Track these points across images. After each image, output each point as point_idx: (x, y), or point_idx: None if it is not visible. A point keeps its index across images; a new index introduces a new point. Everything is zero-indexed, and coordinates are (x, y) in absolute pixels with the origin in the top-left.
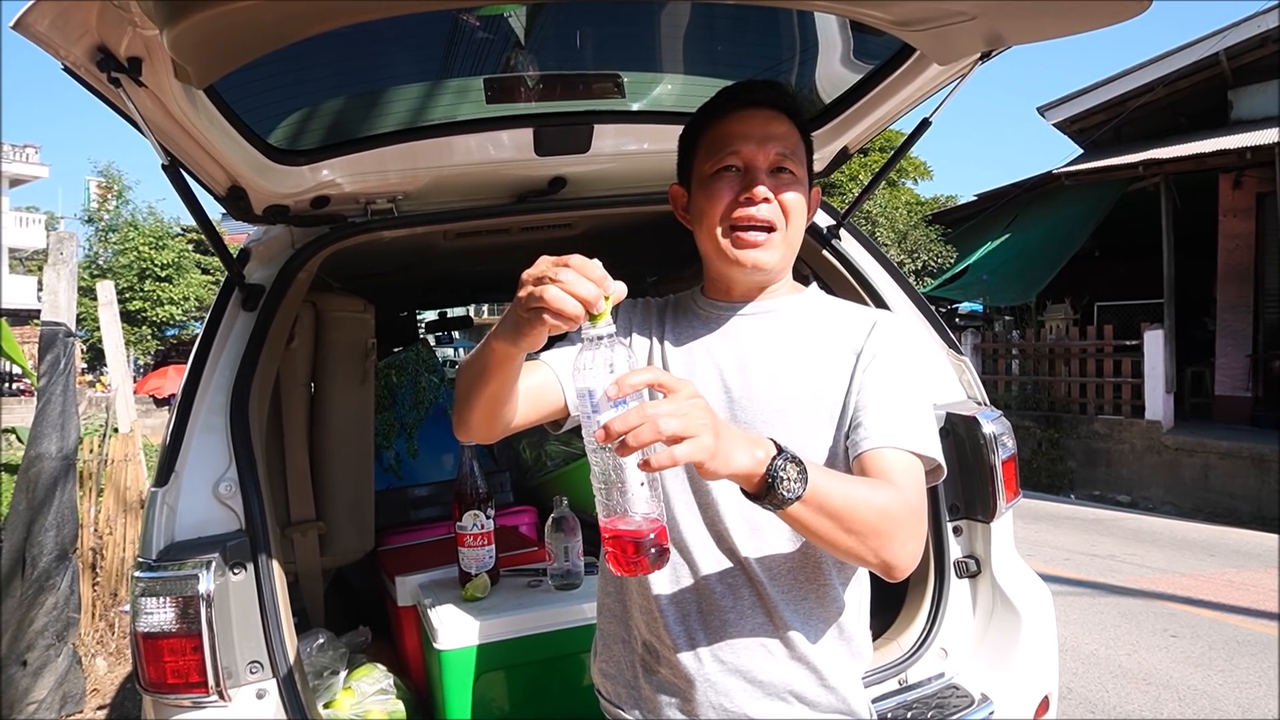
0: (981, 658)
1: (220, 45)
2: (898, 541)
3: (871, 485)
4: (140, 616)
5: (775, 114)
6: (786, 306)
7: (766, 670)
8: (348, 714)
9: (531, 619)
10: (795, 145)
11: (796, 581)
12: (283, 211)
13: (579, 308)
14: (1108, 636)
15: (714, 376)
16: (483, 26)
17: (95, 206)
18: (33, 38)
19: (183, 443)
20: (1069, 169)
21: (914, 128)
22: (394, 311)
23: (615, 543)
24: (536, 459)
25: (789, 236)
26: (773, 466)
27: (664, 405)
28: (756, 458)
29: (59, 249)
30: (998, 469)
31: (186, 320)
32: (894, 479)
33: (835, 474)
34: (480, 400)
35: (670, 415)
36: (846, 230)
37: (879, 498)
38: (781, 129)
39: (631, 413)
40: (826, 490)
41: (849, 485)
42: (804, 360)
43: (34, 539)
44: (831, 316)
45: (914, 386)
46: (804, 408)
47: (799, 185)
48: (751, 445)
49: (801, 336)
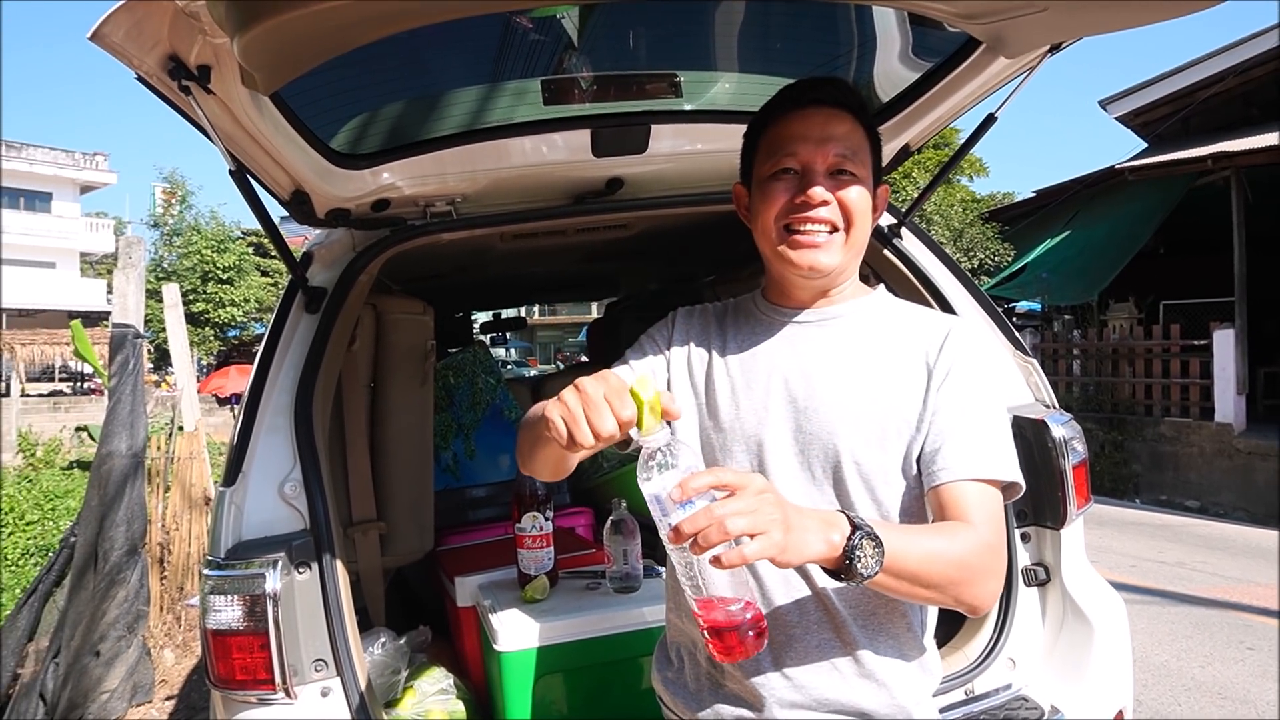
0: (1051, 669)
1: (286, 52)
2: (977, 586)
3: (949, 535)
4: (210, 614)
5: (836, 112)
6: (853, 311)
7: (834, 688)
8: (409, 714)
9: (591, 622)
10: (857, 144)
11: (864, 597)
12: (344, 215)
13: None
14: (1179, 648)
15: (778, 385)
16: (539, 28)
17: (160, 211)
18: (108, 48)
19: (249, 443)
20: (1133, 163)
21: (979, 123)
22: (450, 313)
23: (714, 635)
24: (593, 460)
25: (852, 238)
26: (849, 547)
27: (731, 504)
28: (831, 542)
29: (128, 253)
30: (1068, 474)
31: (247, 321)
32: (972, 516)
33: (911, 532)
34: (543, 460)
35: (737, 515)
36: (908, 229)
37: (956, 548)
38: (842, 128)
39: (700, 515)
40: (903, 557)
41: (925, 543)
42: (873, 370)
43: (106, 534)
44: (901, 323)
45: (991, 405)
46: (872, 420)
47: (861, 185)
48: (825, 528)
49: (870, 344)
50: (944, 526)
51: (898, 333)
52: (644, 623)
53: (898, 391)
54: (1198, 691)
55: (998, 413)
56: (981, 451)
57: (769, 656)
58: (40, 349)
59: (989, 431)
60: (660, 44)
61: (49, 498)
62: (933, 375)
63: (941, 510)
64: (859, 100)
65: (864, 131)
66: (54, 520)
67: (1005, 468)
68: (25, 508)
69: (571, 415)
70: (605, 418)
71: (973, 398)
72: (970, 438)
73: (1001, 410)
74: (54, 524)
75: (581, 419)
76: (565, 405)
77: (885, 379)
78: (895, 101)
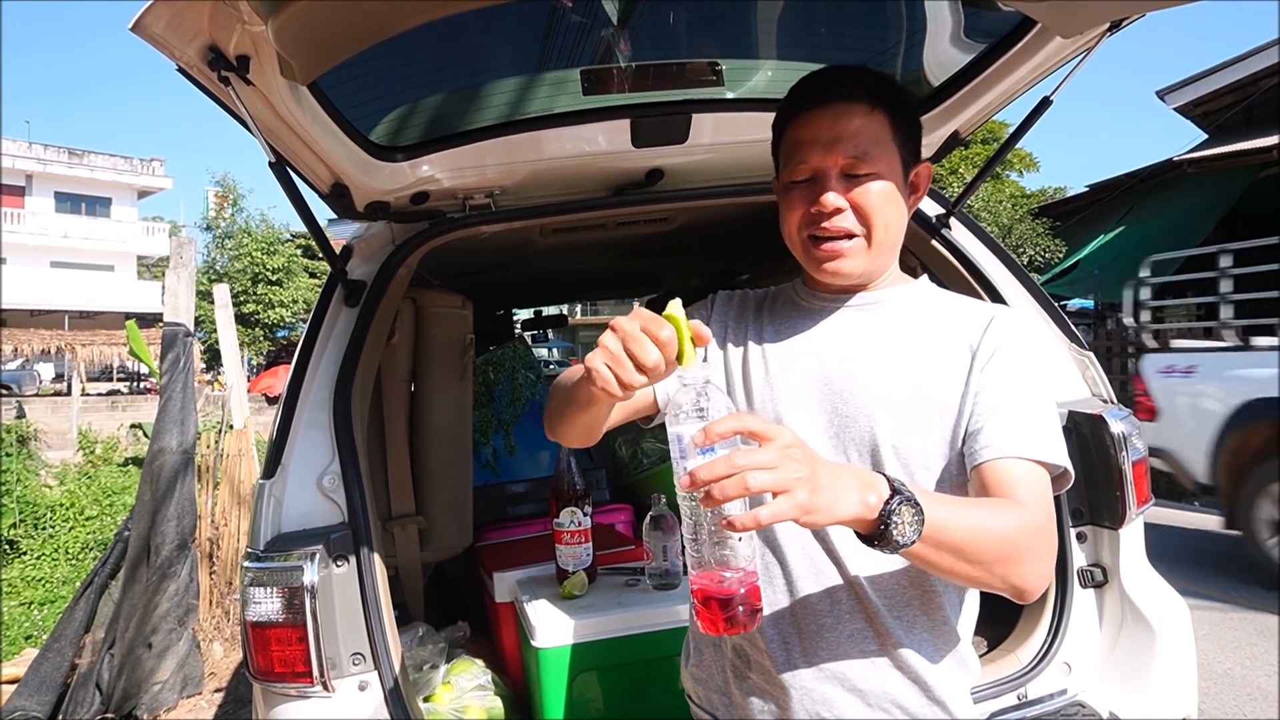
0: (1110, 675)
1: (322, 39)
2: (1025, 565)
3: (995, 509)
4: (249, 605)
5: (845, 108)
6: (894, 298)
7: (867, 679)
8: (447, 709)
9: (630, 619)
10: (872, 137)
11: (899, 587)
12: (384, 208)
13: (643, 376)
14: (1243, 655)
15: (813, 366)
16: (578, 13)
17: (213, 214)
18: (149, 39)
19: (288, 437)
20: (1192, 155)
21: (1033, 107)
22: (491, 310)
23: (703, 602)
24: (633, 456)
25: (875, 239)
26: (885, 511)
27: (756, 455)
28: (867, 503)
29: (179, 253)
30: (1127, 471)
31: (295, 322)
32: (1019, 494)
33: (955, 504)
34: (573, 423)
35: (759, 468)
36: (957, 219)
37: (1003, 522)
38: (853, 124)
39: (719, 462)
40: (945, 526)
41: (971, 515)
42: (912, 354)
43: (158, 528)
44: (944, 310)
45: (1037, 388)
46: (911, 404)
47: (881, 182)
48: (862, 488)
49: (910, 329)
50: (991, 501)
51: (940, 318)
52: (683, 620)
53: (939, 375)
54: (1266, 701)
55: (1044, 398)
56: (1028, 431)
57: (798, 647)
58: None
59: (1036, 413)
60: (701, 31)
61: (107, 493)
62: (976, 358)
63: (985, 489)
64: (874, 85)
65: (884, 116)
66: (111, 515)
67: (1053, 450)
68: (85, 503)
69: (614, 356)
70: (647, 347)
71: (1018, 380)
72: (1016, 417)
73: (1049, 398)
74: (111, 519)
75: (624, 357)
76: (605, 348)
77: (926, 363)
78: (944, 87)
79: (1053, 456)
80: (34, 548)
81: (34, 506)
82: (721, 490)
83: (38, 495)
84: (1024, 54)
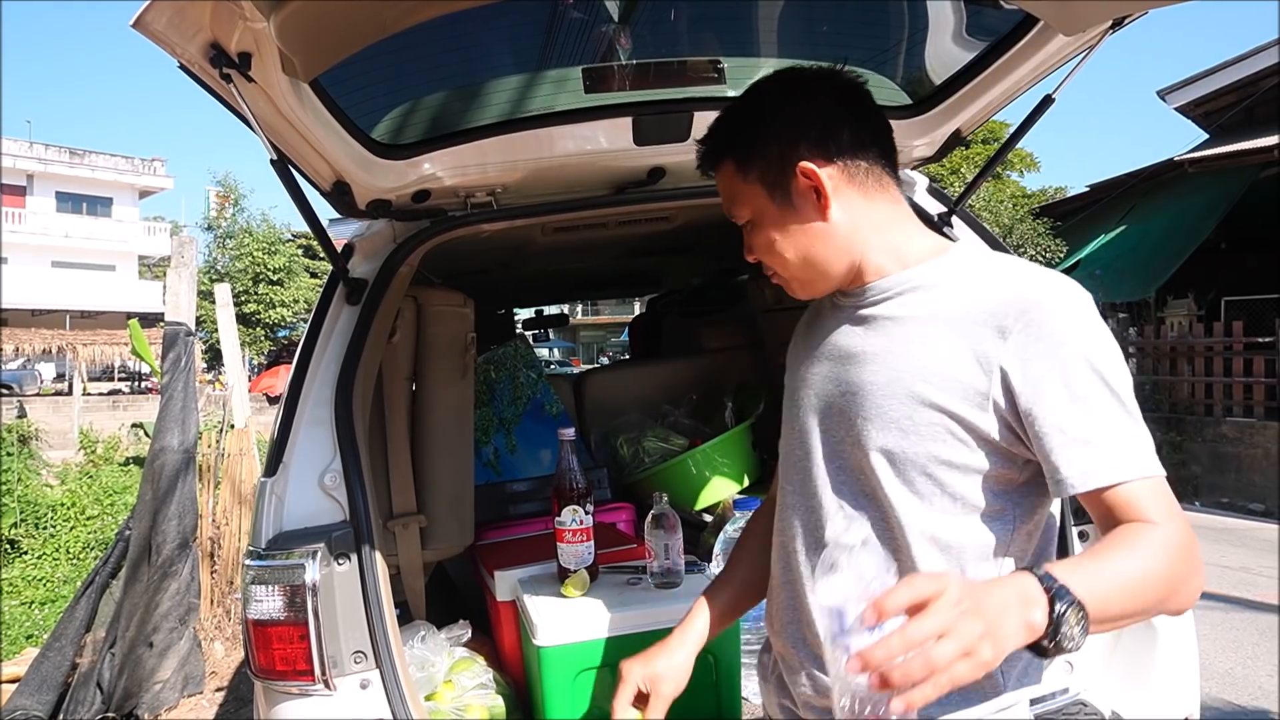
0: (1112, 673)
1: (324, 36)
2: (1182, 593)
3: (1142, 551)
4: (251, 604)
5: (714, 171)
6: (917, 281)
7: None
8: (448, 707)
9: (632, 617)
10: (730, 189)
11: None
12: (385, 206)
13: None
14: (1245, 655)
15: (821, 369)
16: (579, 11)
17: (214, 214)
18: (151, 36)
19: (290, 435)
20: (1193, 155)
21: (1035, 106)
22: (492, 309)
23: None
24: (634, 455)
25: (790, 272)
26: (1053, 625)
27: (929, 623)
28: (1032, 626)
29: (180, 253)
30: None
31: (296, 322)
32: (1153, 517)
33: (1108, 570)
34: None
35: (938, 635)
36: (959, 217)
37: (1156, 565)
38: (721, 183)
39: (894, 640)
40: (1108, 605)
41: (1126, 575)
42: (916, 350)
43: (159, 527)
44: (971, 291)
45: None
46: (905, 407)
47: (757, 227)
48: (1023, 609)
49: (922, 319)
50: (1139, 546)
51: (962, 305)
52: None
53: (942, 381)
54: (1268, 700)
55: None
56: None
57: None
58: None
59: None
60: (703, 28)
61: (108, 493)
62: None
63: (1111, 515)
64: (711, 145)
65: (731, 165)
66: (112, 515)
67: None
68: (86, 503)
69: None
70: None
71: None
72: (1108, 430)
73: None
74: (112, 518)
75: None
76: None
77: (927, 365)
78: (946, 85)
79: (1152, 462)
80: (35, 547)
81: (35, 506)
82: (905, 676)
83: (39, 495)
84: (1026, 52)
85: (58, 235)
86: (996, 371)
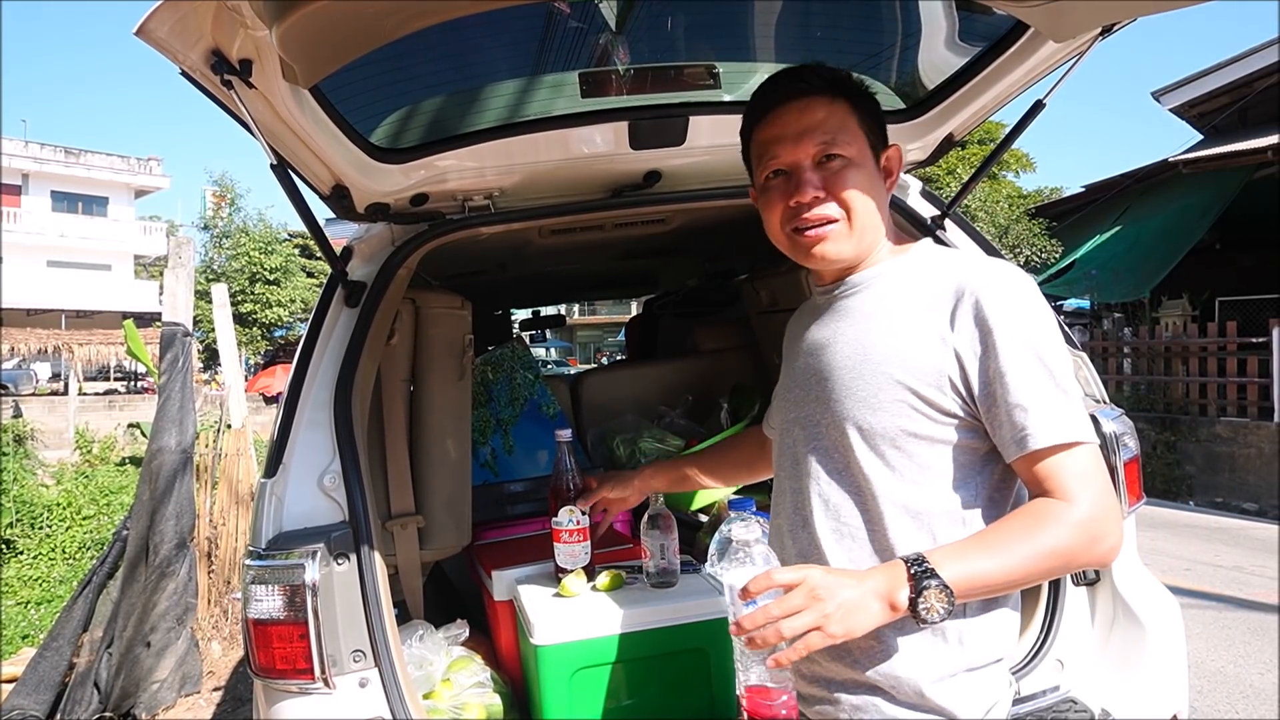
0: (1101, 671)
1: (324, 43)
2: (1082, 558)
3: (1033, 530)
4: (251, 603)
5: (808, 102)
6: (883, 275)
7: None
8: (446, 706)
9: (628, 616)
10: (839, 124)
11: None
12: (384, 209)
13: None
14: (1236, 653)
15: (803, 359)
16: (576, 18)
17: (210, 214)
18: (153, 43)
19: (289, 436)
20: (1187, 156)
21: (1026, 110)
22: (490, 310)
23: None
24: (630, 456)
25: (856, 221)
26: (913, 605)
27: (787, 601)
28: (896, 604)
29: (178, 253)
30: (1119, 470)
31: (293, 321)
32: (1065, 489)
33: (989, 548)
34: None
35: (792, 613)
36: (951, 220)
37: (1046, 541)
38: (818, 115)
39: (758, 613)
40: (977, 580)
41: (1007, 552)
42: (885, 333)
43: (156, 527)
44: (929, 278)
45: (1044, 355)
46: (872, 386)
47: (854, 166)
48: (886, 593)
49: (889, 307)
50: (1031, 518)
51: (923, 288)
52: (682, 618)
53: (911, 351)
54: (1258, 699)
55: (1056, 362)
56: (1057, 412)
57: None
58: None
59: (1057, 386)
60: (698, 34)
61: (104, 493)
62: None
63: (1034, 487)
64: (831, 77)
65: (846, 104)
66: (108, 514)
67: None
68: (82, 502)
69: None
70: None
71: (1025, 354)
72: (1039, 399)
73: (1060, 358)
74: (108, 518)
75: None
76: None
77: (898, 340)
78: (938, 90)
79: (1088, 433)
80: (31, 547)
81: (31, 506)
82: (763, 638)
83: (35, 495)
84: (1017, 57)
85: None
86: (951, 352)
